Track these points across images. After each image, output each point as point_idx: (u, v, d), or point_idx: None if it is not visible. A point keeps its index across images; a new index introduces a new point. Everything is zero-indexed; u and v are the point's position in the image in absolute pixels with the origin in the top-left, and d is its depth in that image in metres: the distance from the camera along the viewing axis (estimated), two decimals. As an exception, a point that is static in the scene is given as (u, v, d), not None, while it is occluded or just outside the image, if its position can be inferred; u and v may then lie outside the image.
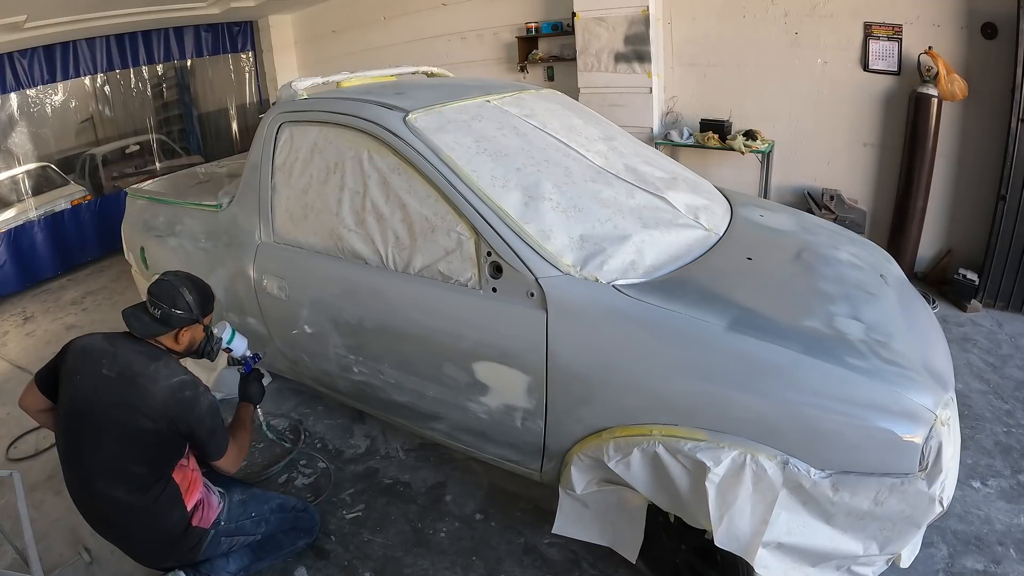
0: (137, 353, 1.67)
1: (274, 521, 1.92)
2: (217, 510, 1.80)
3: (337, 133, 2.10)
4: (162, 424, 1.60)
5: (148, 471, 1.63)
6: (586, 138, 2.25)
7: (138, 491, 1.62)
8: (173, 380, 1.64)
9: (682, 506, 1.50)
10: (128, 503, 1.62)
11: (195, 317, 1.75)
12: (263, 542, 1.93)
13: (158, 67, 6.04)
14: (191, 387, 1.66)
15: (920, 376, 1.43)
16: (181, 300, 1.72)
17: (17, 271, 4.85)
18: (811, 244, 2.02)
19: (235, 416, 1.97)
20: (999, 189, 3.23)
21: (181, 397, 1.62)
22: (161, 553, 1.73)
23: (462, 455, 2.39)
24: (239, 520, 1.84)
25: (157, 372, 1.63)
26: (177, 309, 1.71)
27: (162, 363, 1.67)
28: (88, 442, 1.62)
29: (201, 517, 1.74)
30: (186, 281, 1.78)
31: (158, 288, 1.73)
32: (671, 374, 1.51)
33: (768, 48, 4.01)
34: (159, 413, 1.59)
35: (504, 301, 1.73)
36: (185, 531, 1.70)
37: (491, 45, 5.34)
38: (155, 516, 1.65)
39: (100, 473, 1.61)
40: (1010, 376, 2.79)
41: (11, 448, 2.81)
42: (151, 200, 3.02)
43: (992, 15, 3.21)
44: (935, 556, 1.91)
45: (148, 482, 1.63)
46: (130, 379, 1.61)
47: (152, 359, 1.67)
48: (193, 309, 1.74)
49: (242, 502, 1.88)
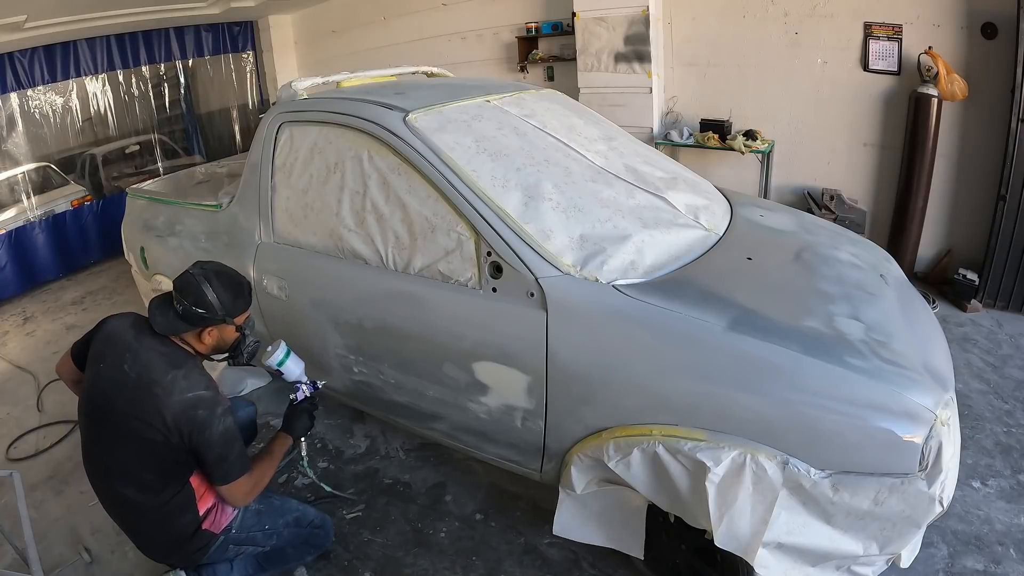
0: (159, 356, 1.55)
1: (286, 536, 1.84)
2: (230, 516, 1.72)
3: (337, 133, 2.10)
4: (174, 438, 1.50)
5: (160, 478, 1.56)
6: (586, 138, 2.25)
7: (150, 493, 1.56)
8: (188, 395, 1.50)
9: (682, 506, 1.50)
10: (138, 503, 1.57)
11: (221, 317, 1.59)
12: (270, 553, 1.86)
13: (159, 67, 6.04)
14: (207, 406, 1.52)
15: (920, 376, 1.43)
16: (204, 297, 1.55)
17: (18, 273, 4.83)
18: (811, 244, 2.02)
19: (268, 445, 1.78)
20: (999, 189, 3.23)
21: (193, 415, 1.49)
22: (166, 550, 1.68)
23: (462, 455, 2.39)
24: (251, 531, 1.76)
25: (174, 384, 1.51)
26: (199, 308, 1.55)
27: (182, 373, 1.53)
28: (103, 441, 1.58)
29: (213, 521, 1.67)
30: (213, 275, 1.60)
31: (182, 281, 1.58)
32: (671, 374, 1.51)
33: (768, 48, 4.01)
34: (170, 428, 1.49)
35: (504, 301, 1.73)
36: (194, 533, 1.64)
37: (491, 45, 5.34)
38: (165, 516, 1.59)
39: (112, 472, 1.58)
40: (1010, 376, 2.79)
41: (11, 448, 2.81)
42: (151, 200, 3.02)
43: (992, 15, 3.21)
44: (935, 556, 1.91)
45: (160, 487, 1.56)
46: (147, 387, 1.50)
47: (172, 366, 1.54)
48: (218, 308, 1.57)
49: (257, 512, 1.79)
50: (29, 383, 3.42)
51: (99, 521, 2.28)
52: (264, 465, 1.71)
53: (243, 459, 1.60)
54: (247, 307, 1.67)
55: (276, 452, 1.76)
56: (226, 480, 1.57)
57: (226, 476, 1.57)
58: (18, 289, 4.84)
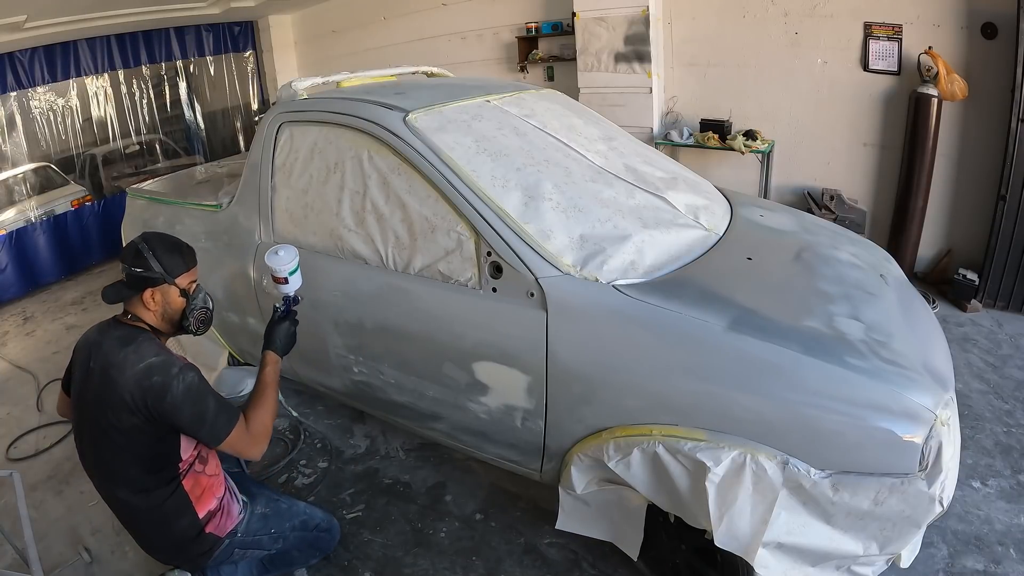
0: (115, 340, 1.50)
1: (293, 539, 1.80)
2: (236, 520, 1.68)
3: (337, 133, 2.10)
4: (141, 417, 1.42)
5: (143, 472, 1.50)
6: (586, 138, 2.25)
7: (140, 493, 1.52)
8: (139, 367, 1.42)
9: (682, 506, 1.50)
10: (132, 504, 1.54)
11: (160, 275, 1.52)
12: (275, 556, 1.82)
13: (159, 67, 6.04)
14: (160, 370, 1.43)
15: (920, 376, 1.43)
16: (141, 257, 1.51)
17: (18, 275, 4.82)
18: (811, 244, 2.02)
19: (258, 375, 1.66)
20: (999, 189, 3.23)
21: (148, 385, 1.41)
22: (169, 552, 1.66)
23: (462, 455, 2.39)
24: (257, 534, 1.72)
25: (125, 360, 1.43)
26: (136, 267, 1.51)
27: (132, 348, 1.46)
28: (87, 443, 1.56)
29: (217, 525, 1.63)
30: (152, 237, 1.57)
31: (124, 248, 1.56)
32: (671, 374, 1.51)
33: (768, 48, 4.02)
34: (133, 406, 1.41)
35: (504, 301, 1.73)
36: (197, 536, 1.60)
37: (491, 45, 5.34)
38: (162, 519, 1.56)
39: (101, 474, 1.56)
40: (1010, 376, 2.79)
41: (11, 448, 2.81)
42: (151, 200, 3.02)
43: (992, 15, 3.21)
44: (935, 556, 1.91)
45: (149, 484, 1.52)
46: (104, 372, 1.45)
47: (124, 344, 1.47)
48: (155, 265, 1.52)
49: (264, 516, 1.75)
50: (29, 383, 3.42)
51: (99, 521, 2.28)
52: (262, 399, 1.60)
53: (226, 411, 1.50)
54: (187, 266, 1.60)
55: (269, 377, 1.65)
56: (218, 438, 1.48)
57: (215, 434, 1.48)
58: (19, 291, 4.83)
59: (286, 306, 1.83)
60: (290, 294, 1.83)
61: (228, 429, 1.49)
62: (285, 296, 1.83)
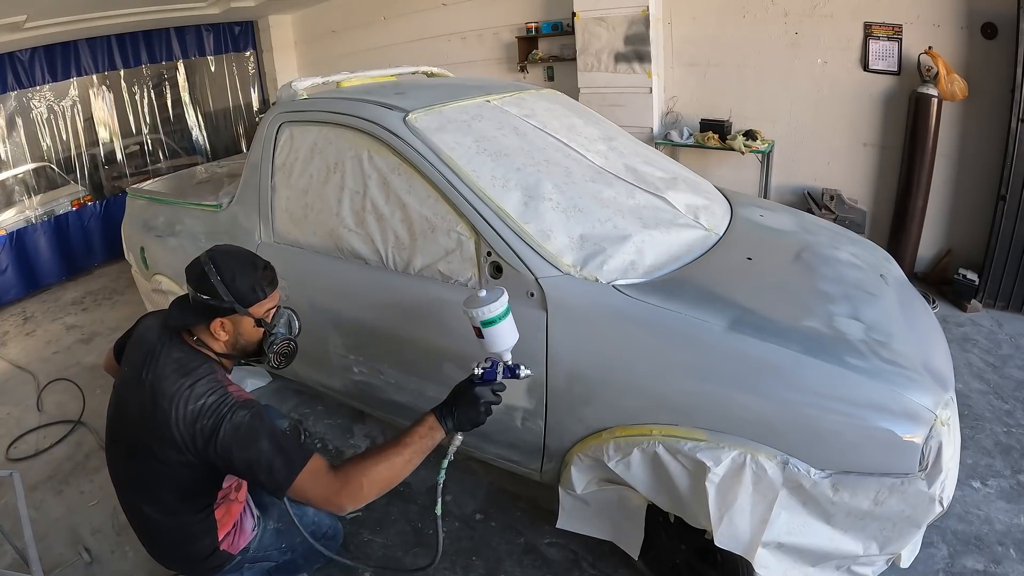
0: (173, 362, 1.34)
1: (301, 549, 1.75)
2: (249, 537, 1.61)
3: (337, 133, 2.10)
4: (189, 456, 1.29)
5: (178, 500, 1.41)
6: (586, 138, 2.25)
7: (169, 515, 1.43)
8: (191, 407, 1.28)
9: (682, 506, 1.50)
10: (154, 519, 1.45)
11: (229, 304, 1.33)
12: (281, 565, 1.78)
13: (159, 67, 6.03)
14: (211, 414, 1.27)
15: (920, 376, 1.43)
16: (207, 281, 1.32)
17: (19, 277, 4.81)
18: (811, 244, 2.02)
19: (410, 428, 1.32)
20: (999, 189, 3.23)
21: (199, 429, 1.26)
22: (178, 565, 1.61)
23: (462, 455, 2.38)
24: (268, 550, 1.67)
25: (179, 395, 1.28)
26: (202, 293, 1.33)
27: (189, 380, 1.31)
28: (121, 452, 1.45)
29: (231, 543, 1.56)
30: (219, 255, 1.35)
31: (189, 266, 1.36)
32: (671, 374, 1.51)
33: (768, 48, 4.01)
34: (183, 445, 1.28)
35: (504, 301, 1.73)
36: (211, 555, 1.52)
37: (491, 45, 5.34)
38: (184, 538, 1.48)
39: (129, 486, 1.47)
40: (1010, 376, 2.79)
41: (11, 448, 2.81)
42: (151, 200, 3.02)
43: (992, 15, 3.21)
44: (935, 556, 1.91)
45: (180, 509, 1.43)
46: (155, 396, 1.30)
47: (183, 373, 1.32)
48: (223, 294, 1.32)
49: (276, 531, 1.68)
50: (29, 383, 3.42)
51: (99, 521, 2.28)
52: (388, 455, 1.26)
53: (283, 453, 1.26)
54: (264, 294, 1.38)
55: (416, 441, 1.29)
56: (279, 487, 1.25)
57: (276, 483, 1.25)
58: (20, 293, 4.82)
59: (492, 373, 1.34)
60: (497, 354, 1.34)
61: (289, 476, 1.24)
62: (490, 361, 1.35)
